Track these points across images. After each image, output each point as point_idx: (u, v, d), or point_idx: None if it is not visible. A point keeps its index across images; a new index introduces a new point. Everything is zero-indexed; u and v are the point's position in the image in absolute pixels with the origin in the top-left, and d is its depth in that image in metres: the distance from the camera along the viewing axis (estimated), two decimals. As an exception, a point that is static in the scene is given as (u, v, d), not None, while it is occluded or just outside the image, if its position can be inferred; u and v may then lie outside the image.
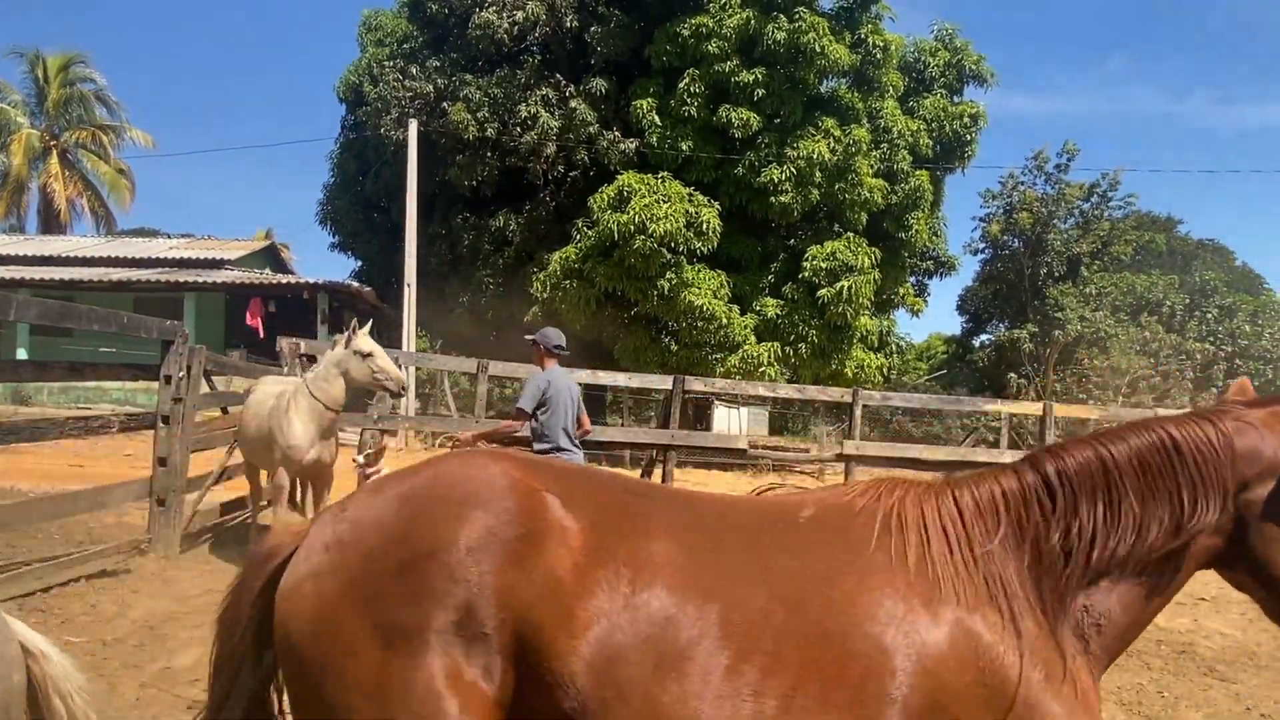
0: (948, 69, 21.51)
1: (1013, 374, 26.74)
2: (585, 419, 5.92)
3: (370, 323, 6.34)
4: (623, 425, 22.81)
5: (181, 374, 6.10)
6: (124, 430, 5.93)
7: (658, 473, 10.17)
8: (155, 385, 6.06)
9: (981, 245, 29.51)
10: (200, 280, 22.82)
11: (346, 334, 6.11)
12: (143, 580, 5.41)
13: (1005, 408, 13.04)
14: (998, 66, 22.98)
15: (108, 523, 7.27)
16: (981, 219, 29.21)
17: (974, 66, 21.51)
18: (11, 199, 34.20)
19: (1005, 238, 28.64)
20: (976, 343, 32.42)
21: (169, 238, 36.84)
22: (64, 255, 25.79)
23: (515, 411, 5.65)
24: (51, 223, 34.15)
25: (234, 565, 6.13)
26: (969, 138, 21.29)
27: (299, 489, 6.56)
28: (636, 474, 10.80)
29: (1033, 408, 12.57)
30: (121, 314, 5.92)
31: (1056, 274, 27.35)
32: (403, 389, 6.44)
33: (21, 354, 22.04)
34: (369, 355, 6.03)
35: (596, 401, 23.44)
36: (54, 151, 34.23)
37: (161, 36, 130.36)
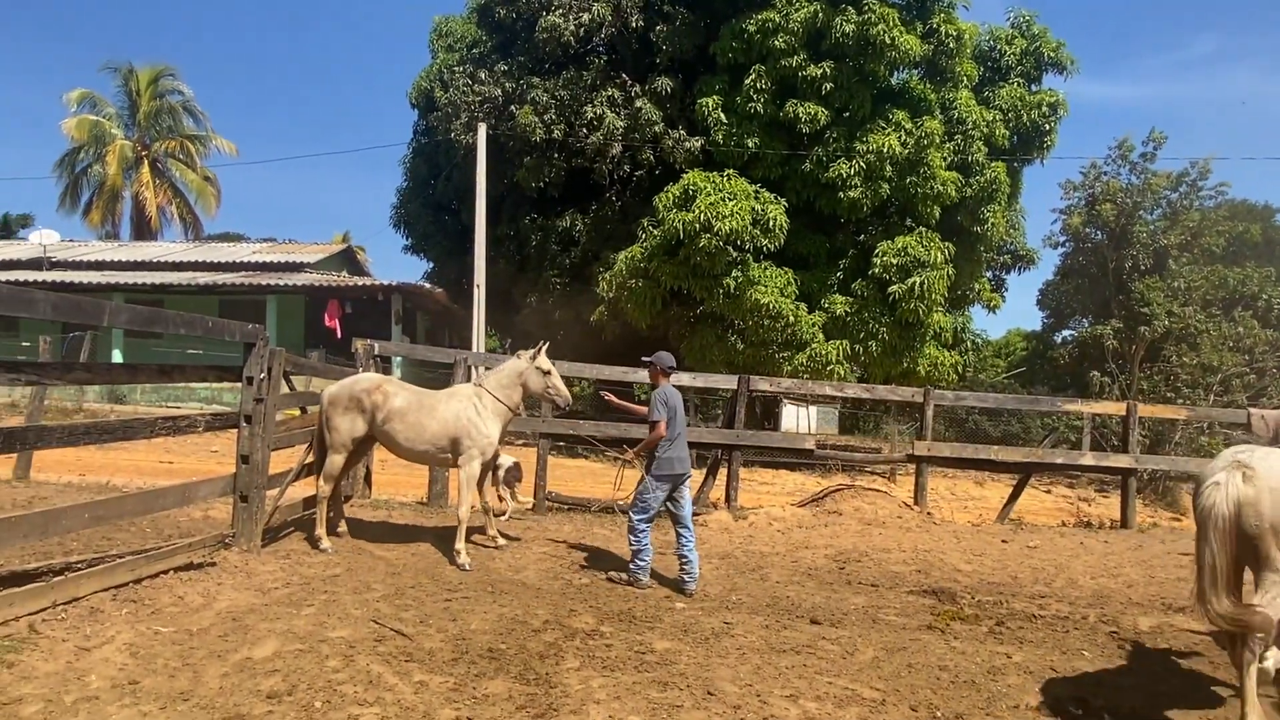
0: (1025, 57, 20.80)
1: (1096, 372, 25.75)
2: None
3: (547, 343, 7.22)
4: (689, 424, 22.76)
5: (262, 375, 6.32)
6: (209, 429, 6.17)
7: (722, 473, 10.12)
8: (239, 385, 6.29)
9: (1062, 238, 28.53)
10: (281, 283, 23.63)
11: (532, 351, 7.08)
12: (226, 573, 5.62)
13: (1087, 407, 12.52)
14: (1078, 52, 22.22)
15: (195, 517, 7.59)
16: (1062, 211, 28.26)
17: (1052, 53, 20.75)
18: (107, 207, 36.08)
19: (1087, 230, 27.61)
20: (1058, 339, 31.37)
21: (252, 242, 38.33)
22: (155, 260, 27.04)
23: (658, 423, 6.49)
24: (143, 229, 35.89)
25: (310, 559, 6.34)
26: (1048, 127, 20.55)
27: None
28: (701, 474, 10.76)
29: (1116, 407, 12.05)
30: (206, 318, 6.15)
31: (1142, 267, 26.24)
32: (569, 405, 7.28)
33: (116, 355, 23.22)
34: (548, 373, 7.04)
35: (663, 400, 23.46)
36: (145, 161, 35.96)
37: (245, 49, 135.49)
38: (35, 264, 26.26)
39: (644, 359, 7.19)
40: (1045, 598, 6.72)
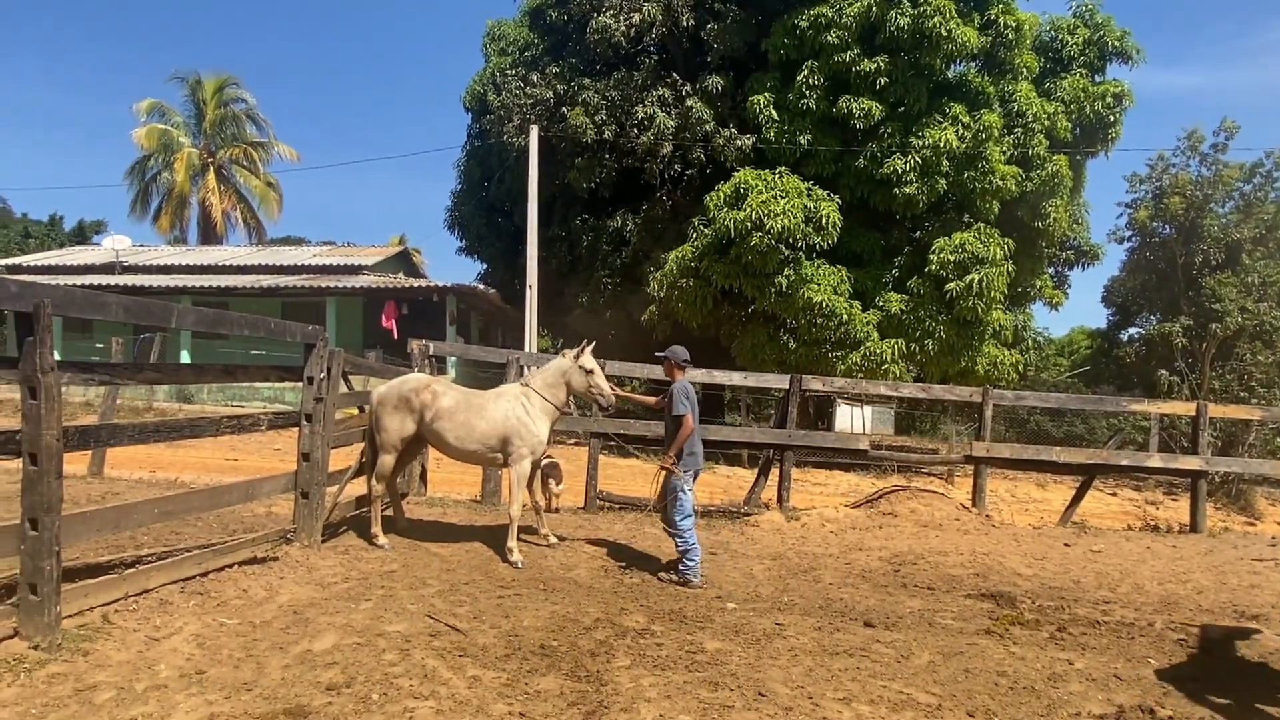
0: (1088, 47, 20.20)
1: (1164, 371, 24.93)
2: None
3: (593, 343, 7.22)
4: (740, 424, 22.67)
5: (322, 375, 6.49)
6: (272, 428, 6.34)
7: (774, 473, 10.05)
8: (300, 385, 6.47)
9: (1128, 233, 27.63)
10: (340, 285, 24.19)
11: (576, 350, 7.11)
12: (288, 567, 5.78)
13: (1154, 407, 12.12)
14: (1144, 41, 21.49)
15: (258, 513, 7.82)
16: (1128, 205, 27.37)
17: (1117, 43, 20.11)
18: (175, 213, 37.41)
19: (1155, 224, 26.68)
20: (1124, 337, 30.38)
21: (312, 245, 39.38)
22: (220, 264, 27.91)
23: (685, 416, 6.58)
24: (209, 234, 37.12)
25: (368, 554, 6.48)
26: (1112, 119, 19.92)
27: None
28: (753, 474, 10.70)
29: (1185, 407, 11.61)
30: (269, 319, 6.33)
31: (1214, 262, 25.25)
32: (612, 405, 7.11)
33: (184, 356, 24.03)
34: (590, 372, 6.99)
35: (713, 401, 23.38)
36: (211, 168, 37.18)
37: (305, 58, 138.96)
38: (108, 268, 27.35)
39: (657, 354, 7.23)
40: (1109, 603, 6.51)
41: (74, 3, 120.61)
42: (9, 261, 29.29)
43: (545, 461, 8.59)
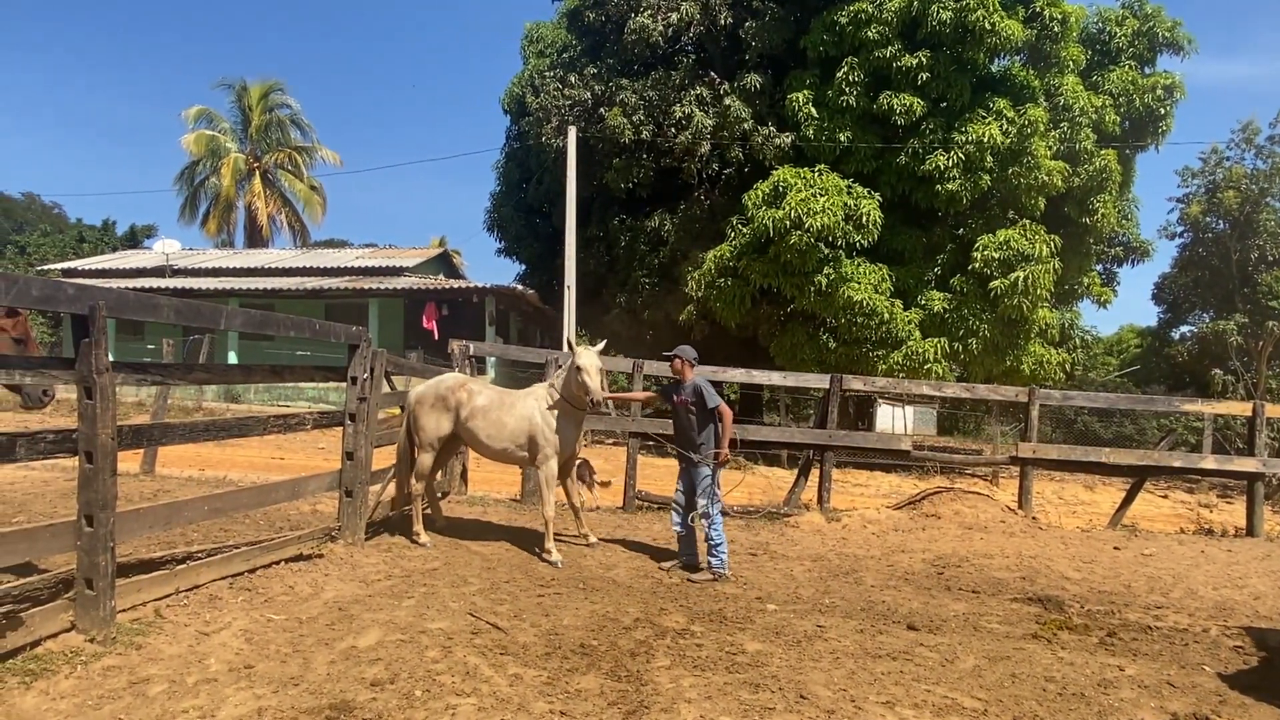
0: (1136, 38, 19.71)
1: (1218, 370, 24.24)
2: None
3: (604, 343, 7.24)
4: (779, 424, 22.52)
5: (365, 375, 6.58)
6: (317, 427, 6.45)
7: (815, 474, 9.96)
8: (344, 385, 6.57)
9: (1180, 228, 26.91)
10: (382, 287, 24.53)
11: (585, 347, 7.06)
12: (333, 564, 5.87)
13: (1208, 407, 11.76)
14: (1196, 30, 20.90)
15: (304, 510, 7.96)
16: (1179, 199, 26.64)
17: (1167, 33, 19.59)
18: (222, 217, 38.22)
19: (1208, 219, 25.93)
20: (1175, 335, 29.59)
21: (355, 247, 39.99)
22: (266, 267, 28.47)
23: (724, 407, 6.76)
24: (255, 237, 37.88)
25: (410, 552, 6.55)
26: (1162, 112, 19.41)
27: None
28: (793, 474, 10.62)
29: (1241, 408, 11.25)
30: (313, 321, 6.45)
31: (1270, 258, 24.49)
32: (595, 404, 6.93)
33: (232, 357, 24.56)
34: (580, 370, 6.83)
35: (753, 400, 23.26)
36: (256, 172, 37.94)
37: (347, 63, 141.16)
38: (159, 271, 28.07)
39: (664, 354, 7.26)
40: (1162, 608, 6.34)
41: (126, 14, 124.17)
42: (64, 265, 30.21)
43: (577, 461, 8.64)
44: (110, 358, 4.11)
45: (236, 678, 3.83)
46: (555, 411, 6.95)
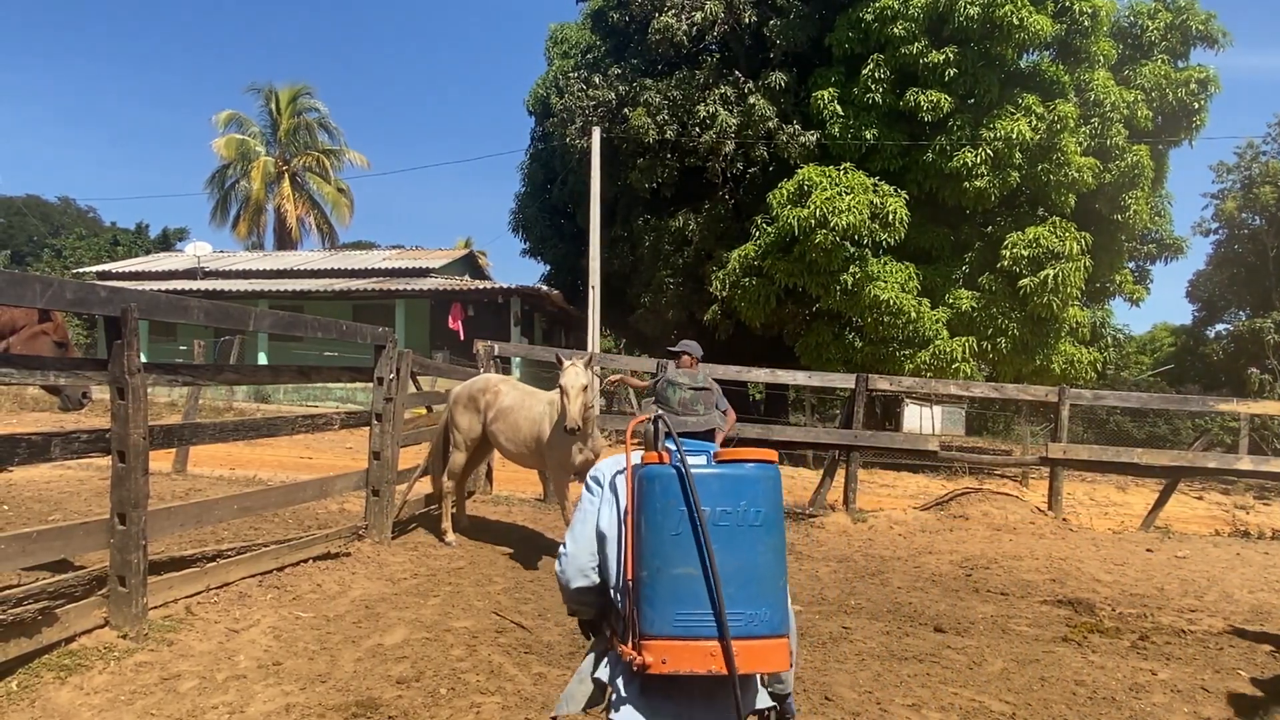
0: (1169, 32, 19.34)
1: (1254, 369, 23.77)
2: None
3: (589, 357, 6.73)
4: (805, 424, 22.40)
5: (392, 376, 6.65)
6: (345, 427, 6.53)
7: (840, 474, 9.89)
8: (371, 385, 6.64)
9: (1214, 225, 26.45)
10: (408, 288, 24.72)
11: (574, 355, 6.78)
12: (360, 563, 5.93)
13: (1244, 407, 11.50)
14: (1231, 24, 20.47)
15: (331, 509, 8.04)
16: (1214, 195, 26.20)
17: (1201, 26, 19.20)
18: (252, 220, 38.76)
19: (1243, 215, 25.45)
20: (1210, 334, 29.07)
21: (382, 249, 40.34)
22: (295, 269, 28.79)
23: (729, 410, 6.40)
24: (284, 239, 38.35)
25: (436, 551, 6.60)
26: (1196, 106, 19.03)
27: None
28: (819, 475, 10.55)
29: (1278, 407, 11.02)
30: (341, 322, 6.52)
31: (1309, 254, 23.96)
32: (569, 431, 6.10)
33: (261, 358, 24.88)
34: (560, 389, 6.25)
35: (778, 400, 23.16)
36: (285, 176, 38.41)
37: (374, 66, 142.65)
38: (190, 274, 28.50)
39: (670, 349, 7.22)
40: (1195, 612, 6.22)
41: (160, 21, 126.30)
42: (98, 268, 30.76)
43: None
44: (142, 359, 4.18)
45: (265, 674, 3.88)
46: (554, 422, 6.57)
